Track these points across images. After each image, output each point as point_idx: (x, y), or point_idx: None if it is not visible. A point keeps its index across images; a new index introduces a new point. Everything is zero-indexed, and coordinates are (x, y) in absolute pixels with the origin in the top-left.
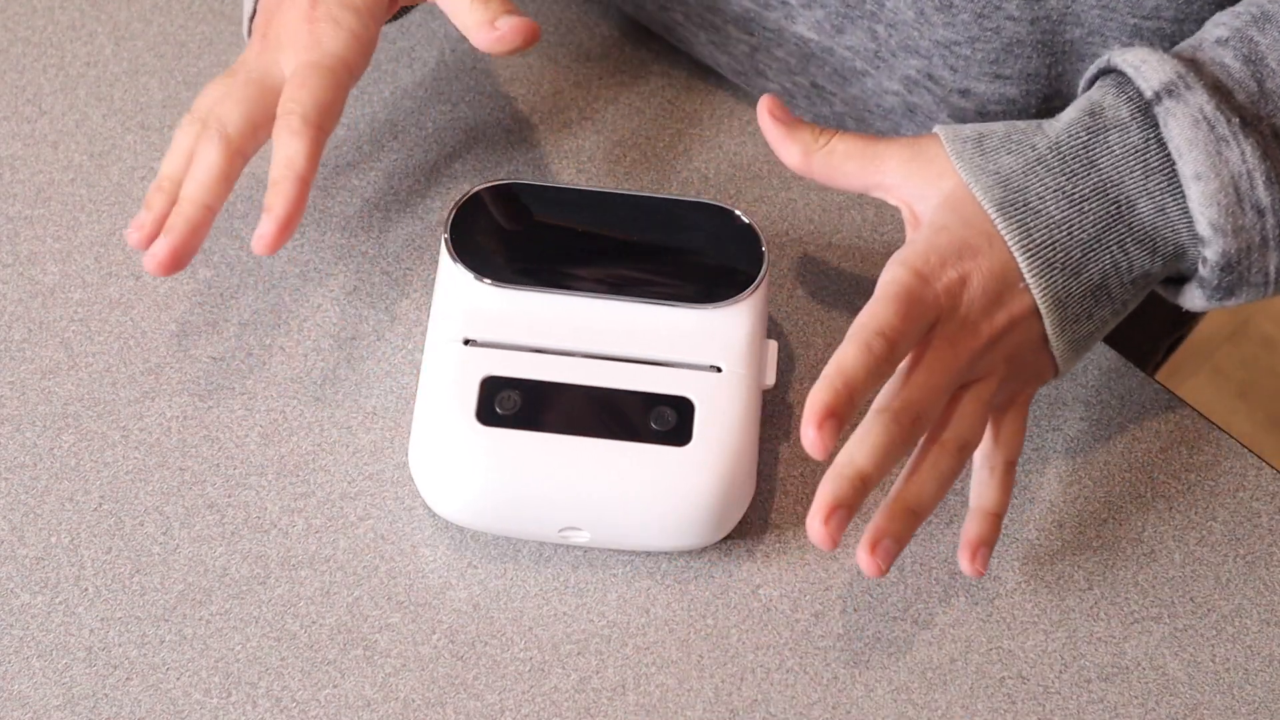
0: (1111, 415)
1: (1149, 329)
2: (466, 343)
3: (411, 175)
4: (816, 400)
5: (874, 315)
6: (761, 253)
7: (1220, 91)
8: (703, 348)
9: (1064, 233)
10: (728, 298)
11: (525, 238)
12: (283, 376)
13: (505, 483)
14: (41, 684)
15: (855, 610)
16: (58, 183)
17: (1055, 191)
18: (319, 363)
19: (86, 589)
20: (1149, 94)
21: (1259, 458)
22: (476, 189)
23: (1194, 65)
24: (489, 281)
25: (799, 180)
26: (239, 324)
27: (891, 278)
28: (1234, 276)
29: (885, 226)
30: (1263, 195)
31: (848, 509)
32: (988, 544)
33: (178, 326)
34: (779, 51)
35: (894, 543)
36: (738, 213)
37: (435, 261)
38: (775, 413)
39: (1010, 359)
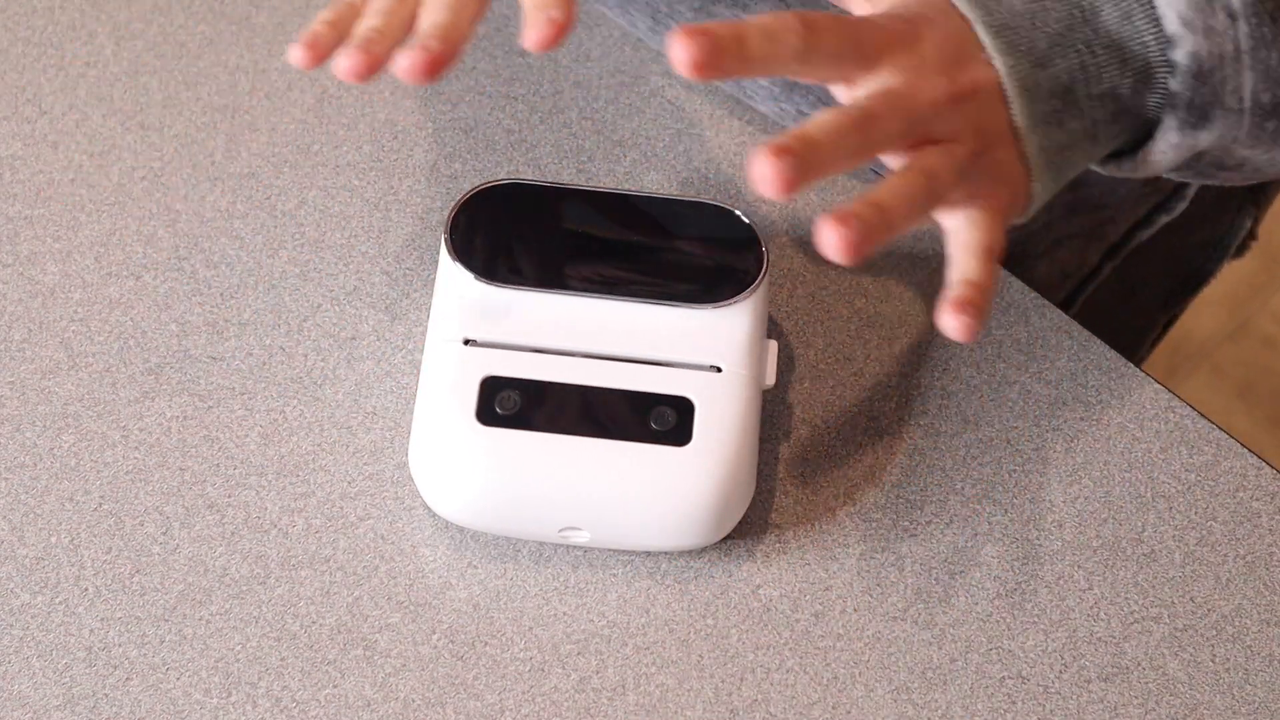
0: (1111, 415)
1: (1141, 306)
2: (466, 343)
3: (411, 175)
4: (686, 31)
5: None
6: (761, 253)
7: None
8: (703, 348)
9: (1027, 20)
10: (728, 298)
11: (525, 238)
12: (283, 376)
13: (505, 483)
14: (41, 684)
15: (855, 610)
16: (58, 183)
17: None
18: (319, 363)
19: (86, 589)
20: None
21: (1259, 458)
22: (476, 189)
23: None
24: (489, 281)
25: None
26: (239, 324)
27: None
28: (1207, 91)
29: None
30: None
31: (795, 158)
32: (976, 306)
33: (178, 326)
34: (763, 79)
35: (861, 224)
36: (738, 213)
37: (435, 261)
38: (775, 413)
39: (979, 133)
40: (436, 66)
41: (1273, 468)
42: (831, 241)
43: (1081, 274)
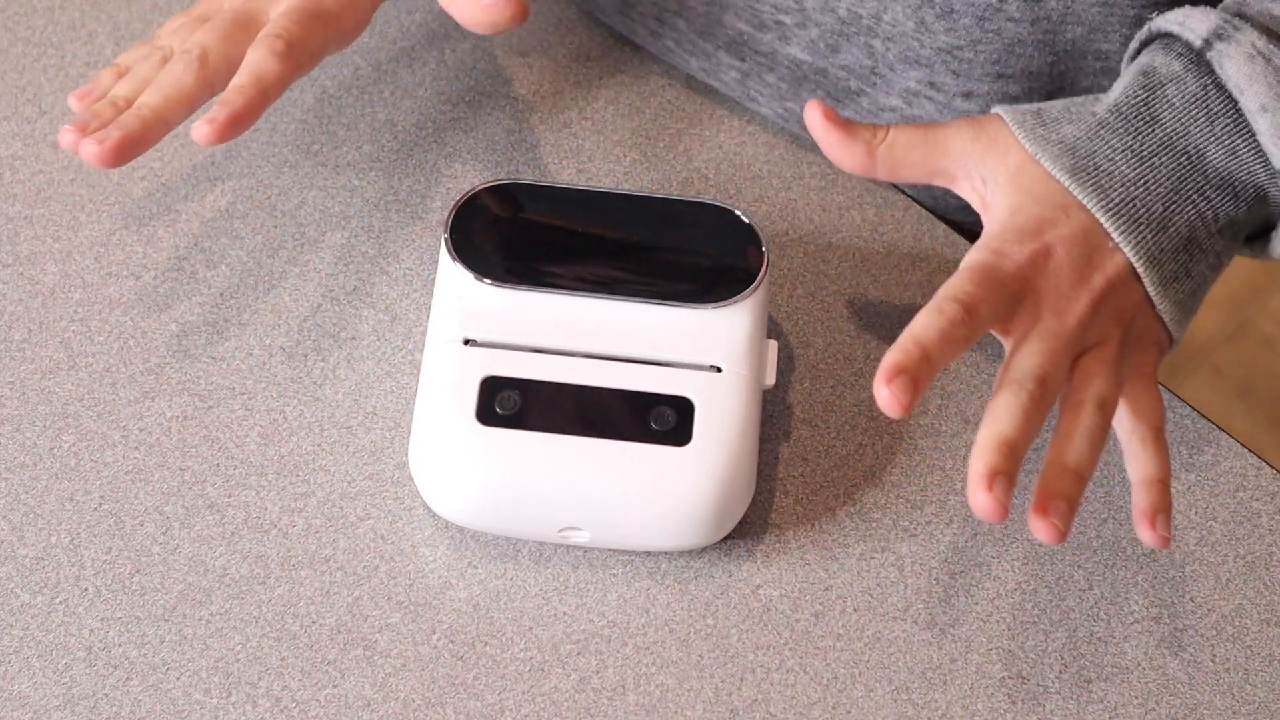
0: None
1: None
2: (466, 343)
3: (411, 175)
4: (886, 360)
5: (949, 284)
6: (761, 253)
7: (1272, 34)
8: (703, 348)
9: (1141, 189)
10: (728, 298)
11: (525, 238)
12: (283, 376)
13: (505, 483)
14: (41, 684)
15: (855, 610)
16: (58, 183)
17: (1123, 151)
18: (319, 363)
19: (86, 589)
20: (1198, 43)
21: (1259, 458)
22: (476, 189)
23: (1241, 15)
24: (489, 281)
25: (799, 180)
26: (239, 324)
27: (968, 259)
28: None
29: (885, 227)
30: None
31: (1005, 475)
32: (1163, 510)
33: (178, 326)
34: (770, 77)
35: (1065, 502)
36: (738, 213)
37: (435, 261)
38: (775, 413)
39: (1121, 322)
40: (119, 153)
41: (1273, 468)
42: (1045, 532)
43: None
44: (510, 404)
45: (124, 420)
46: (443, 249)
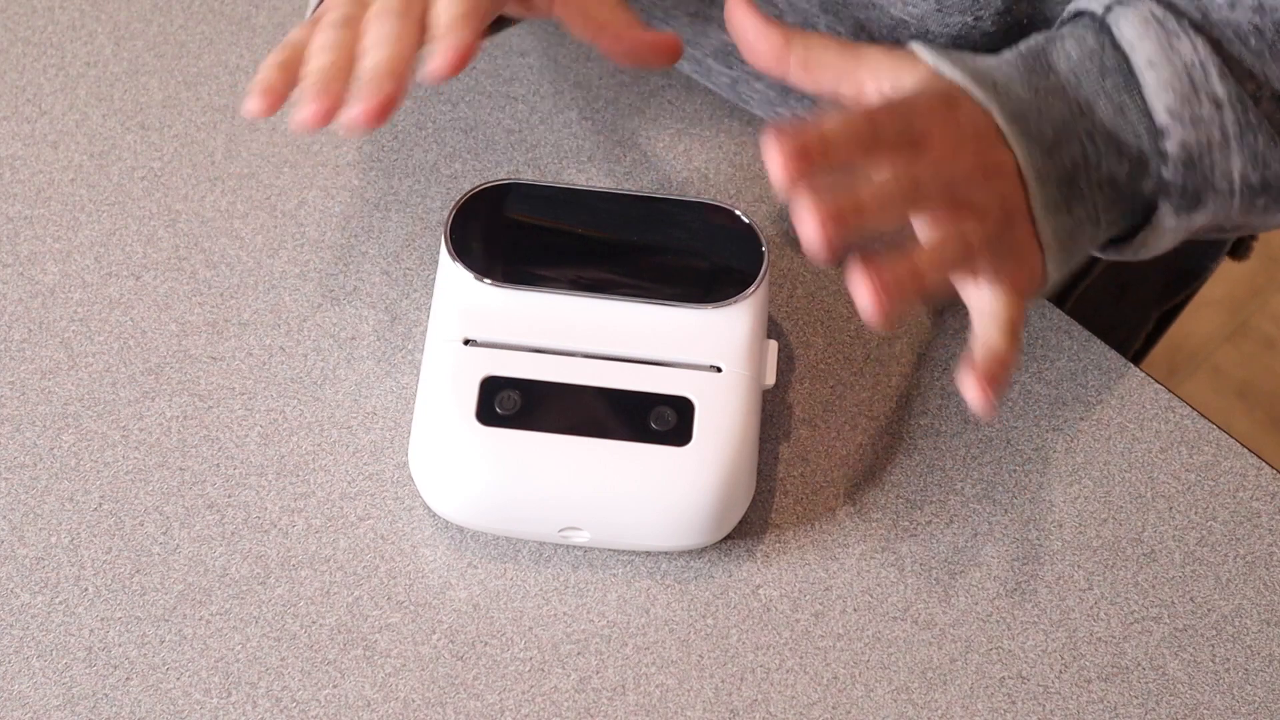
0: (1111, 415)
1: (1134, 304)
2: (466, 343)
3: (411, 175)
4: (777, 134)
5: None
6: (761, 253)
7: (1168, 7)
8: (703, 348)
9: (1035, 111)
10: (728, 297)
11: (525, 238)
12: (283, 376)
13: (505, 483)
14: (41, 684)
15: (855, 610)
16: (58, 183)
17: (1021, 82)
18: (319, 363)
19: (86, 589)
20: (1100, 10)
21: (1259, 458)
22: (476, 189)
23: None
24: (489, 281)
25: None
26: (239, 324)
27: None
28: (1198, 177)
29: None
30: (1218, 87)
31: (844, 228)
32: (997, 381)
33: (178, 326)
34: (759, 84)
35: (898, 289)
36: (738, 213)
37: (435, 261)
38: (775, 413)
39: (1004, 209)
40: (388, 109)
41: (1273, 468)
42: (867, 304)
43: (1074, 271)
44: (510, 404)
45: (124, 420)
46: (443, 249)
